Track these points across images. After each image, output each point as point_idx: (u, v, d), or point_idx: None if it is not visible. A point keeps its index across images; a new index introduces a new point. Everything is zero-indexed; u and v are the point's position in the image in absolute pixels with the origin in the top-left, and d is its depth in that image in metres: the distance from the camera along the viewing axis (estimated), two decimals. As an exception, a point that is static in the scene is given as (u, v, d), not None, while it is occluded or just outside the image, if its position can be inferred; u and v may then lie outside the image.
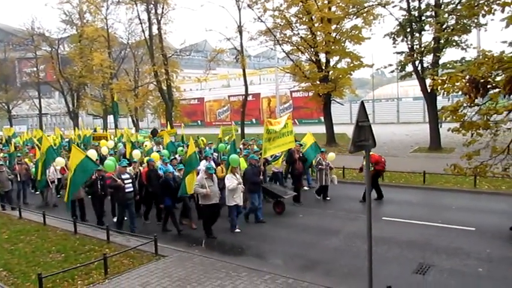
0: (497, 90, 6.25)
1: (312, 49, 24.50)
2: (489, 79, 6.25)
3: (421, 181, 15.90)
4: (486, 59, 6.48)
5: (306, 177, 16.23)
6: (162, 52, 31.85)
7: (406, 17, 23.29)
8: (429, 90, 22.52)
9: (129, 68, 40.93)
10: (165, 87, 32.63)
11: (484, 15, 7.51)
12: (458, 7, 20.68)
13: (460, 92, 6.61)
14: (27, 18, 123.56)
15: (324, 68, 24.49)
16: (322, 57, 24.95)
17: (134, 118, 39.16)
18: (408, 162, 15.47)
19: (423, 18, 23.16)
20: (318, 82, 24.79)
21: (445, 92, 6.81)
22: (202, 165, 12.51)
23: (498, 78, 6.36)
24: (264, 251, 10.05)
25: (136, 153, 13.83)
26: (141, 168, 13.22)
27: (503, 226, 10.76)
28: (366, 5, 23.13)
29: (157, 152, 15.70)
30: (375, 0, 23.07)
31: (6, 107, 49.40)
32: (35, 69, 47.17)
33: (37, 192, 17.05)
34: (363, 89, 60.38)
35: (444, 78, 6.73)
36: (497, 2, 6.82)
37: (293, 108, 49.30)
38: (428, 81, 22.09)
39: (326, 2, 23.58)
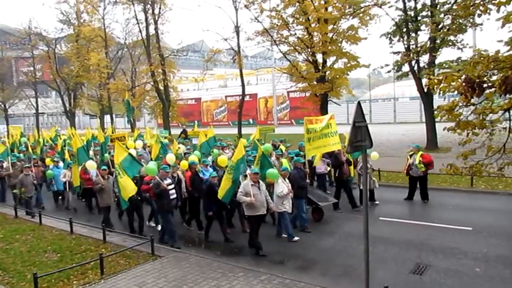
0: (492, 89, 6.26)
1: (309, 49, 24.45)
2: (485, 78, 6.26)
3: (417, 181, 15.89)
4: (482, 59, 6.48)
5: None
6: (159, 52, 31.78)
7: (402, 17, 23.35)
8: (425, 90, 22.56)
9: (126, 68, 40.89)
10: (162, 87, 32.56)
11: (479, 15, 7.50)
12: (454, 7, 20.75)
13: (456, 92, 6.62)
14: (24, 18, 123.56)
15: (320, 68, 24.46)
16: (319, 57, 24.91)
17: (131, 118, 39.09)
18: (405, 162, 15.40)
19: (419, 18, 23.22)
20: (315, 82, 24.74)
21: (441, 92, 6.80)
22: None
23: (494, 78, 6.36)
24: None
25: (171, 157, 12.50)
26: (179, 172, 12.06)
27: (500, 225, 10.80)
28: (362, 5, 23.12)
29: (187, 153, 14.70)
30: (371, 1, 23.09)
31: (2, 106, 49.16)
32: (31, 68, 46.90)
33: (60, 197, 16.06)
34: (360, 89, 60.56)
35: (440, 78, 6.71)
36: (493, 1, 6.83)
37: (290, 109, 49.34)
38: (424, 81, 22.13)
39: (323, 2, 23.52)
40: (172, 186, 10.77)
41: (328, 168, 14.70)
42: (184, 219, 12.30)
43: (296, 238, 10.46)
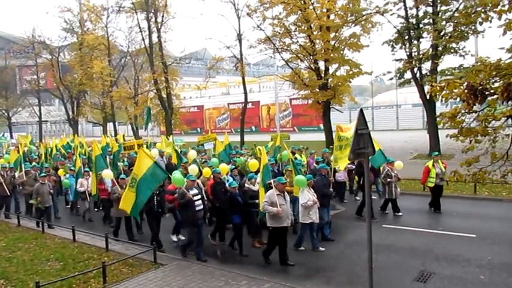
0: (495, 96, 6.27)
1: (311, 57, 24.54)
2: (487, 86, 6.28)
3: (420, 188, 15.83)
4: (484, 66, 6.51)
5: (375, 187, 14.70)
6: (162, 60, 31.97)
7: (404, 24, 23.43)
8: (428, 97, 22.59)
9: (129, 76, 41.05)
10: (164, 95, 32.71)
11: (481, 23, 7.52)
12: (456, 14, 20.84)
13: (458, 99, 6.63)
14: (28, 26, 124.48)
15: (323, 75, 24.53)
16: (321, 64, 25.00)
17: (134, 126, 39.25)
18: (408, 169, 15.37)
19: (421, 25, 23.30)
20: (317, 90, 24.81)
21: (444, 99, 6.82)
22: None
23: (496, 85, 6.38)
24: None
25: (194, 169, 11.95)
26: (199, 181, 11.55)
27: (504, 233, 10.75)
28: (364, 13, 23.24)
29: (204, 161, 14.51)
30: (373, 9, 23.23)
31: (6, 114, 49.53)
32: (35, 76, 47.24)
33: (67, 206, 15.95)
34: (362, 96, 60.50)
35: (442, 85, 6.72)
36: (494, 9, 6.85)
37: (292, 116, 49.39)
38: (426, 88, 22.17)
39: (325, 10, 23.64)
40: (199, 197, 10.15)
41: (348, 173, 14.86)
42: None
43: (302, 248, 10.36)
